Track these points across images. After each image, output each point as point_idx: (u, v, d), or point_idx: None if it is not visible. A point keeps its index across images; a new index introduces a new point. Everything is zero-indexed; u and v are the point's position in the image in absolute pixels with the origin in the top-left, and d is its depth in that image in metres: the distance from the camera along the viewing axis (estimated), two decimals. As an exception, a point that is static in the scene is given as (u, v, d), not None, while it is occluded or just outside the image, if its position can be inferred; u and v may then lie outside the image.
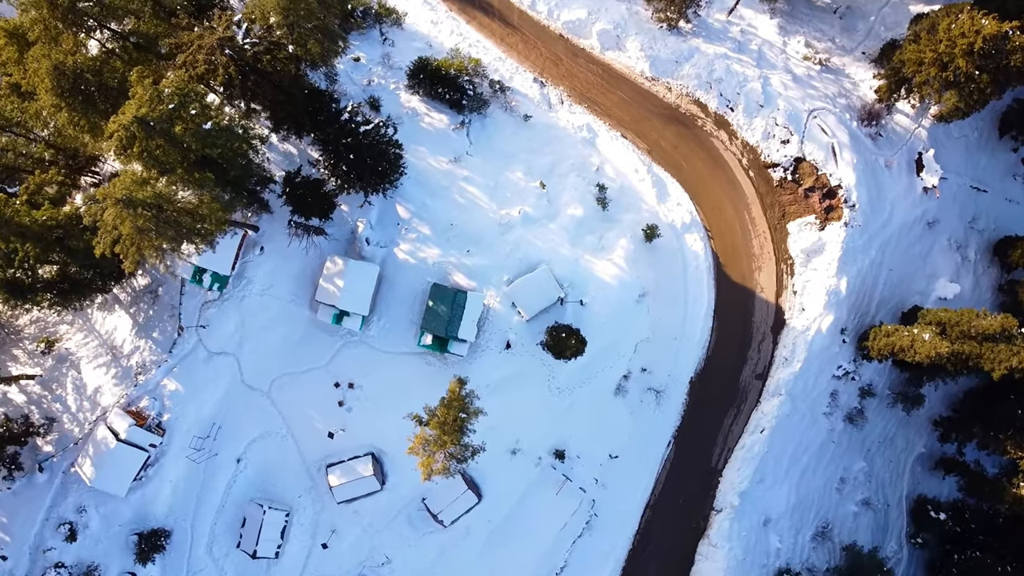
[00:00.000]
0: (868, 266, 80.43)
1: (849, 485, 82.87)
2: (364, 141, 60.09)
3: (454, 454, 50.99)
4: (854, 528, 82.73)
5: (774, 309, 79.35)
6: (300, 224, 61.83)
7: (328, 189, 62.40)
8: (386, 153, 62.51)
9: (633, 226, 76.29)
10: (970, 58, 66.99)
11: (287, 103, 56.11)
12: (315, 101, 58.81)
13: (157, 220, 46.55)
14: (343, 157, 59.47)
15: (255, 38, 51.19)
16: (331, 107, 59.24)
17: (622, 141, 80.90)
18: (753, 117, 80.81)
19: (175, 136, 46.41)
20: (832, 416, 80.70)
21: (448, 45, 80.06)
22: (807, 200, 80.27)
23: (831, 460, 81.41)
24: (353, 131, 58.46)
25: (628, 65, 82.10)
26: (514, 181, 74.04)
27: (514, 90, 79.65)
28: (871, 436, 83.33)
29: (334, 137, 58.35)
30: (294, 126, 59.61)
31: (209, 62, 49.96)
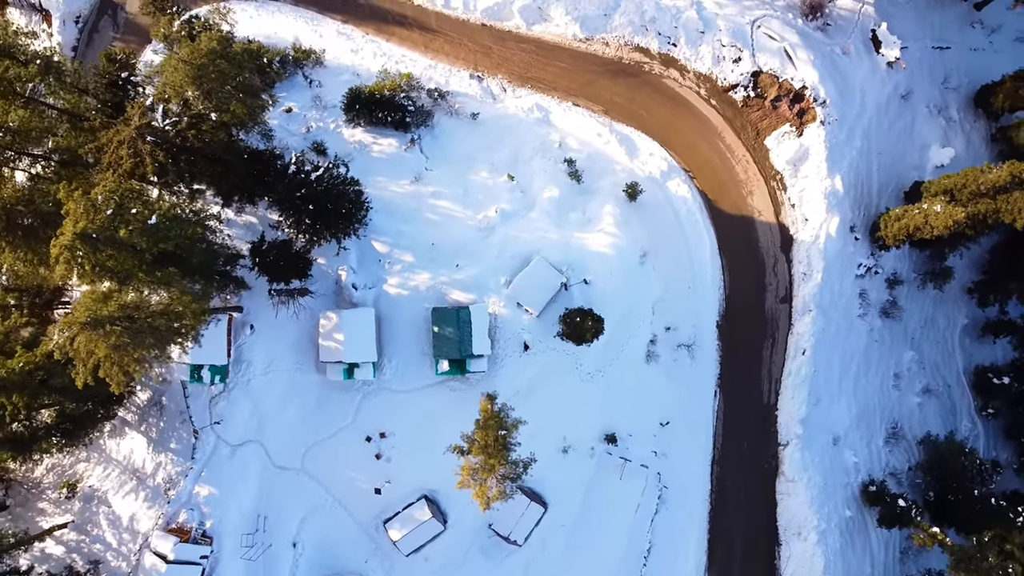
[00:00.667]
0: (857, 156, 77.08)
1: (904, 378, 79.47)
2: (319, 188, 56.74)
3: (506, 475, 47.64)
4: (922, 419, 79.30)
5: (777, 229, 76.02)
6: (281, 291, 58.46)
7: (298, 248, 58.99)
8: (345, 193, 59.15)
9: (613, 190, 72.94)
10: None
11: (228, 173, 52.77)
12: (256, 163, 55.50)
13: (131, 332, 43.24)
14: (302, 210, 56.13)
15: (174, 116, 47.83)
16: (275, 164, 55.86)
17: (576, 110, 77.57)
18: (698, 46, 77.44)
19: (122, 241, 43.07)
20: (867, 316, 77.32)
21: (375, 68, 76.75)
22: (776, 111, 76.87)
23: (879, 359, 78.03)
24: (304, 181, 55.10)
25: (558, 33, 78.73)
26: (481, 182, 70.68)
27: (454, 93, 76.34)
28: (911, 323, 79.92)
29: (286, 193, 55.04)
30: (244, 194, 56.28)
31: (134, 154, 46.60)
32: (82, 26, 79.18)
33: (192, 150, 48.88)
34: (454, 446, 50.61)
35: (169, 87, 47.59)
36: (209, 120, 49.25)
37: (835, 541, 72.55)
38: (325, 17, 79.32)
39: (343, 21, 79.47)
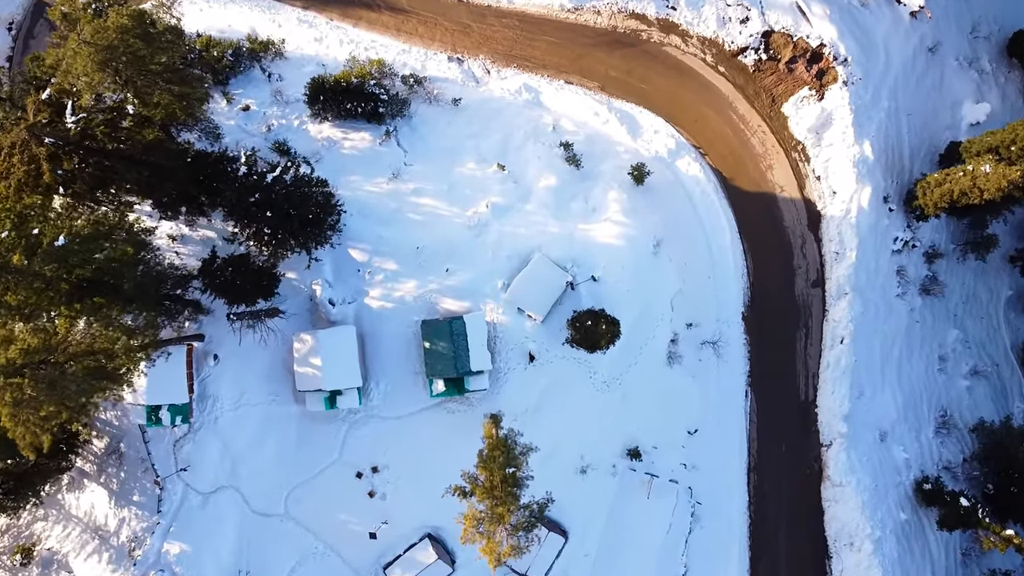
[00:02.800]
0: (885, 118, 66.80)
1: (950, 360, 69.46)
2: (278, 191, 46.42)
3: (518, 525, 37.43)
4: (972, 404, 69.26)
5: (803, 205, 65.81)
6: (243, 315, 48.22)
7: (260, 263, 48.71)
8: (310, 196, 48.90)
9: (616, 173, 62.74)
10: None
11: (162, 180, 42.52)
12: (202, 167, 45.24)
13: (41, 383, 32.88)
14: (259, 219, 45.87)
15: (81, 112, 37.60)
16: (225, 168, 45.56)
17: (569, 88, 67.29)
18: (700, 7, 67.12)
19: (19, 268, 32.75)
20: (907, 295, 67.27)
21: (342, 57, 66.55)
22: (792, 74, 66.53)
23: (923, 341, 67.97)
24: (257, 184, 44.85)
25: (544, 4, 68.50)
26: (468, 174, 60.50)
27: (432, 78, 66.06)
28: (952, 299, 69.81)
29: (237, 201, 44.79)
30: (191, 205, 46.00)
31: (28, 160, 36.31)
32: (16, 32, 68.98)
33: (107, 153, 38.60)
34: (454, 487, 40.34)
35: (72, 76, 37.31)
36: (127, 115, 38.98)
37: (892, 549, 62.49)
38: (283, 5, 69.15)
39: (304, 8, 69.22)
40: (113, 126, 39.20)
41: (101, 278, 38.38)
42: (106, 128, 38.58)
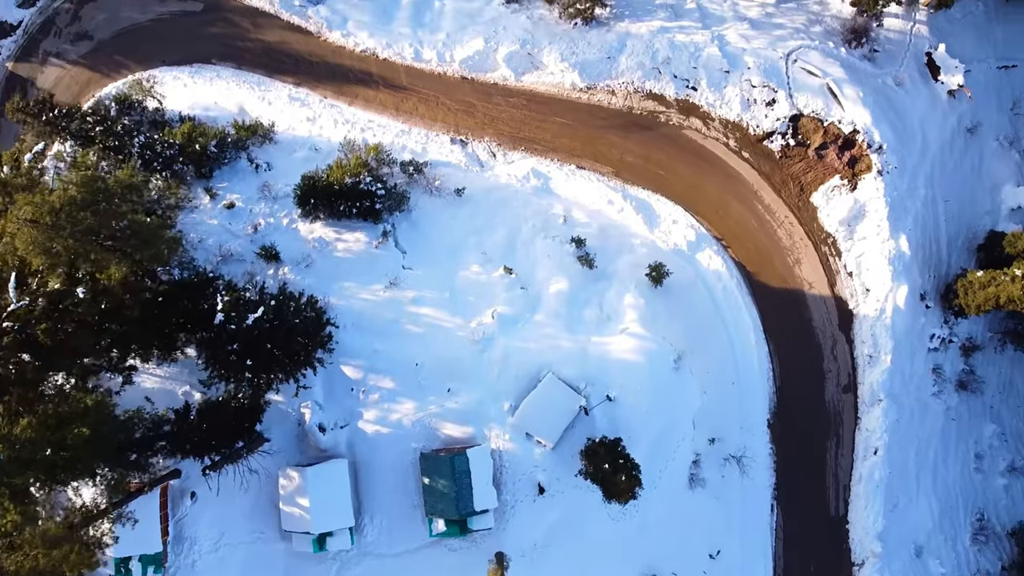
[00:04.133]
0: (922, 208, 60.82)
1: (987, 458, 63.74)
2: (262, 328, 40.38)
3: None
4: (1010, 504, 63.51)
5: (833, 303, 59.73)
6: (222, 461, 42.17)
7: (241, 402, 42.65)
8: (298, 327, 42.79)
9: (633, 272, 56.65)
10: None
11: (126, 337, 36.46)
12: (175, 307, 39.22)
13: None
14: (240, 366, 39.81)
15: (25, 299, 31.48)
16: (201, 303, 39.49)
17: (581, 174, 61.24)
18: (723, 88, 60.91)
19: None
20: (943, 393, 61.51)
21: (337, 139, 60.50)
22: (823, 161, 60.35)
23: (958, 440, 62.25)
24: (237, 332, 38.76)
25: (554, 83, 62.34)
26: (472, 279, 54.44)
27: (433, 163, 59.97)
28: (989, 390, 63.81)
29: (214, 351, 38.77)
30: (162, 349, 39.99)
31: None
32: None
33: (50, 332, 32.49)
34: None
35: (10, 258, 31.15)
36: (78, 300, 32.86)
37: None
38: (274, 81, 62.90)
39: (296, 84, 63.04)
40: (60, 312, 32.89)
41: (58, 457, 32.25)
42: (48, 325, 32.14)
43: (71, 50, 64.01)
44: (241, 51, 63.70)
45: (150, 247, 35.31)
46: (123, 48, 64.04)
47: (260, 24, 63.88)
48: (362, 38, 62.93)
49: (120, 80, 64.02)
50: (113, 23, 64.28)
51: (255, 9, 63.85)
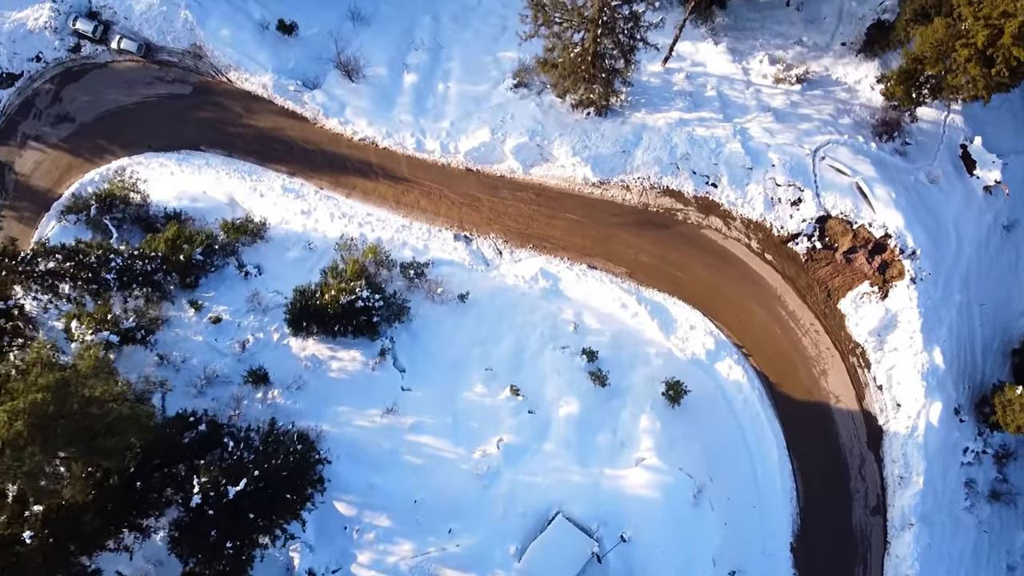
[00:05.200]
0: (956, 316, 56.18)
1: (1019, 569, 59.27)
2: (248, 491, 35.81)
3: None
4: (1043, 619, 58.18)
5: (862, 418, 55.16)
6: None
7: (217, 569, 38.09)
8: (286, 481, 38.22)
9: (649, 388, 52.14)
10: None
11: (83, 535, 31.86)
12: (138, 500, 34.61)
13: None
14: (219, 546, 35.22)
15: None
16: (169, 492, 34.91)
17: (593, 274, 56.69)
18: (744, 186, 56.21)
19: None
20: (975, 507, 57.38)
21: (332, 234, 55.95)
22: (851, 265, 55.74)
23: (990, 553, 58.05)
24: (213, 517, 34.15)
25: (565, 177, 57.78)
26: (476, 402, 49.83)
27: (435, 262, 55.41)
28: (1022, 500, 58.91)
29: (193, 534, 34.21)
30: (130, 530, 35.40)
31: None
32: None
33: None
34: None
35: None
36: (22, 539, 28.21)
37: None
38: (267, 170, 58.34)
39: (290, 174, 58.46)
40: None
41: None
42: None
43: (51, 133, 59.47)
44: (232, 137, 59.08)
45: (118, 437, 30.68)
46: (107, 132, 59.47)
47: (252, 109, 59.24)
48: (361, 126, 58.30)
49: (104, 166, 59.53)
50: (96, 105, 59.70)
51: (247, 93, 59.22)
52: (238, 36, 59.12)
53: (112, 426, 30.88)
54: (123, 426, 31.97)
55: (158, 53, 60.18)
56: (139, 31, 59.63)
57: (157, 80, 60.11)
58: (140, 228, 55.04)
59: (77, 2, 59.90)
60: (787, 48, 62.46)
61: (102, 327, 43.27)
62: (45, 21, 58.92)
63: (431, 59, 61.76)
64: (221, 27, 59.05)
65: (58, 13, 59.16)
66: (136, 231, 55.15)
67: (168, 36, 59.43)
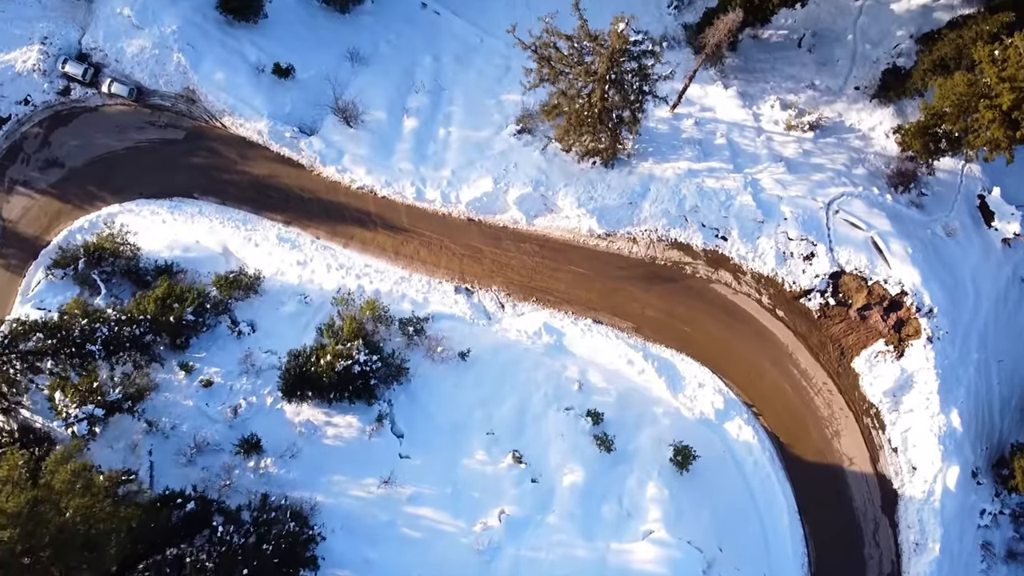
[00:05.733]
0: (975, 375, 54.03)
1: (1034, 631, 56.32)
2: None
3: None
4: None
5: (876, 481, 53.10)
6: None
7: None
8: (279, 569, 36.04)
9: (656, 453, 50.20)
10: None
11: None
12: None
13: None
14: None
15: None
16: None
17: (598, 329, 54.57)
18: (755, 240, 54.10)
19: None
20: (991, 570, 55.03)
21: (329, 286, 53.87)
22: (866, 323, 53.60)
23: (1004, 615, 54.83)
24: None
25: (570, 228, 55.68)
26: (477, 470, 47.82)
27: (436, 316, 53.38)
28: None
29: None
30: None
31: None
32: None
33: None
34: None
35: None
36: None
37: None
38: (262, 218, 56.23)
39: (285, 223, 56.35)
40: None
41: None
42: None
43: (40, 178, 57.36)
44: (226, 184, 56.92)
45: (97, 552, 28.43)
46: (97, 177, 57.35)
47: (247, 155, 57.08)
48: (359, 174, 56.17)
49: (93, 212, 57.46)
50: (86, 150, 57.59)
51: (242, 139, 57.07)
52: (233, 80, 56.82)
53: (91, 541, 28.69)
54: (104, 539, 29.78)
55: (150, 97, 57.91)
56: (131, 74, 57.36)
57: (149, 125, 57.91)
58: (130, 282, 52.90)
59: (66, 44, 57.43)
60: (799, 92, 60.26)
61: (87, 399, 40.98)
62: (34, 64, 56.67)
63: (432, 102, 59.54)
64: (215, 71, 56.74)
65: (47, 55, 56.74)
66: (126, 285, 52.99)
67: (160, 80, 57.12)
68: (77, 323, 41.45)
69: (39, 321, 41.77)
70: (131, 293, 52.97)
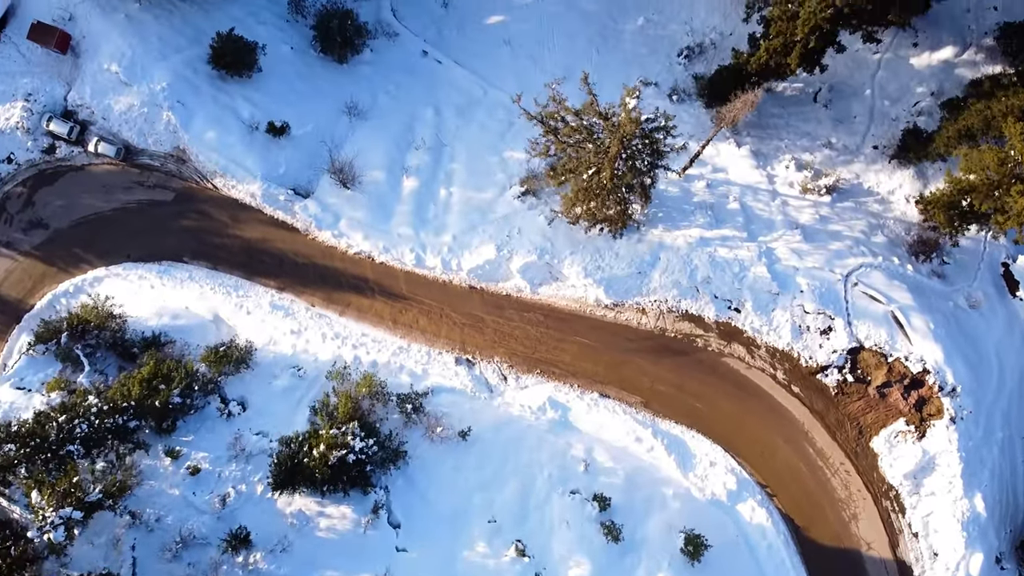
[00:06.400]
0: (999, 456, 51.58)
1: None
2: None
3: None
4: None
5: (895, 568, 50.84)
6: None
7: None
8: None
9: (665, 540, 47.80)
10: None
11: None
12: None
13: None
14: None
15: None
16: None
17: (605, 404, 52.01)
18: (770, 312, 51.38)
19: None
20: (1012, 653, 51.45)
21: (324, 357, 51.29)
22: (885, 400, 50.88)
23: None
24: None
25: (576, 298, 53.00)
26: (478, 563, 45.50)
27: (435, 390, 50.94)
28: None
29: None
30: None
31: None
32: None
33: None
34: None
35: None
36: None
37: None
38: (254, 284, 53.62)
39: (279, 289, 53.66)
40: None
41: None
42: None
43: (23, 239, 54.74)
44: (217, 248, 54.22)
45: None
46: (82, 240, 54.72)
47: (239, 218, 54.38)
48: (356, 239, 53.50)
49: (79, 276, 54.94)
50: (71, 211, 54.93)
51: (234, 201, 54.39)
52: (224, 139, 54.10)
53: None
54: None
55: (138, 156, 55.24)
56: (118, 132, 54.66)
57: (137, 185, 55.22)
58: (115, 355, 50.24)
59: (51, 101, 54.70)
60: (814, 150, 57.55)
61: (64, 501, 38.24)
62: (17, 121, 53.99)
63: (432, 159, 56.85)
64: (206, 129, 54.02)
65: (31, 112, 54.10)
66: (111, 358, 50.33)
67: (149, 138, 54.45)
68: (53, 426, 38.68)
69: (11, 428, 38.91)
70: (116, 367, 50.31)
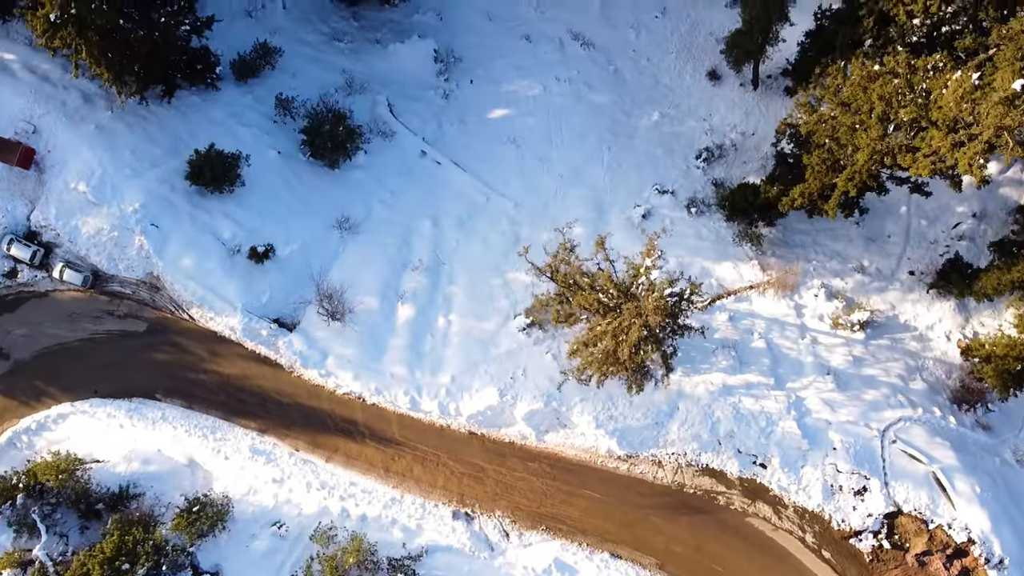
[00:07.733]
0: (1046, 633, 45.59)
1: None
2: None
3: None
4: None
5: None
6: None
7: None
8: None
9: None
10: None
11: None
12: None
13: None
14: None
15: None
16: None
17: (616, 565, 47.51)
18: (799, 469, 46.32)
19: None
20: None
21: (309, 510, 46.58)
22: (925, 570, 45.94)
23: None
24: None
25: (586, 447, 47.90)
26: None
27: (430, 550, 46.61)
28: None
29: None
30: None
31: None
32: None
33: None
34: None
35: None
36: None
37: None
38: (233, 426, 48.53)
39: (260, 431, 48.59)
40: None
41: None
42: None
43: (-18, 371, 49.01)
44: (192, 385, 49.00)
45: None
46: (46, 372, 49.59)
47: (218, 352, 49.14)
48: (345, 379, 48.32)
49: (42, 411, 49.72)
50: (34, 341, 49.83)
51: (212, 333, 49.15)
52: (202, 265, 48.83)
53: None
54: None
55: (108, 283, 50.06)
56: (86, 256, 49.45)
57: (106, 314, 49.97)
58: (77, 515, 45.23)
59: (13, 221, 49.57)
60: (845, 275, 52.36)
61: None
62: (-26, 243, 48.39)
63: (430, 282, 51.65)
64: (182, 255, 48.79)
65: (-10, 233, 48.46)
66: (72, 519, 45.31)
67: (120, 264, 49.25)
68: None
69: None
70: (79, 528, 44.83)
